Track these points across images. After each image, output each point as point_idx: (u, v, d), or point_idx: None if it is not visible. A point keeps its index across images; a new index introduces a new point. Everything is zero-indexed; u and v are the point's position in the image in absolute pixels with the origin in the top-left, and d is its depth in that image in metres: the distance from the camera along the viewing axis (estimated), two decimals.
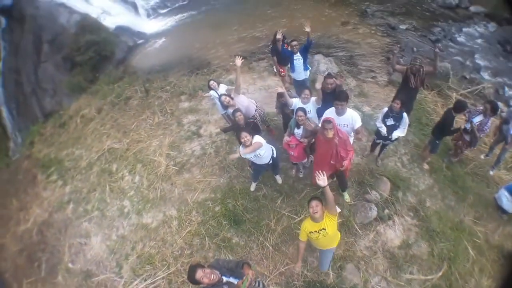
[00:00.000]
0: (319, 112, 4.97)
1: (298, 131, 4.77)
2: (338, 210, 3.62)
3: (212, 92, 6.16)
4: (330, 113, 4.50)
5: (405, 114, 4.84)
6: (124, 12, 13.28)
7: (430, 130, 5.67)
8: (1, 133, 10.27)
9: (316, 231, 3.62)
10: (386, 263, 4.77)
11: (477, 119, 5.22)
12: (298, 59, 6.21)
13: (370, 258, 4.80)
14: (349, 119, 4.47)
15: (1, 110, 10.65)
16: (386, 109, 4.97)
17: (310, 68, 6.63)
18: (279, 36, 6.47)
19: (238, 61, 5.41)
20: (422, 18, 11.09)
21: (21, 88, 10.80)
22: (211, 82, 6.19)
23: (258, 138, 4.56)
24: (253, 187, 5.82)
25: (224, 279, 3.08)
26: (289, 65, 6.62)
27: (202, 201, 5.97)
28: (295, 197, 5.56)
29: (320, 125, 4.31)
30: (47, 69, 10.79)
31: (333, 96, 4.59)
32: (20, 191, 8.12)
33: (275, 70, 7.98)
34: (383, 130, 4.97)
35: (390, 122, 4.88)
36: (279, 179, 5.81)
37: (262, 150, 4.65)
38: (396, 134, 4.98)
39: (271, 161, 5.06)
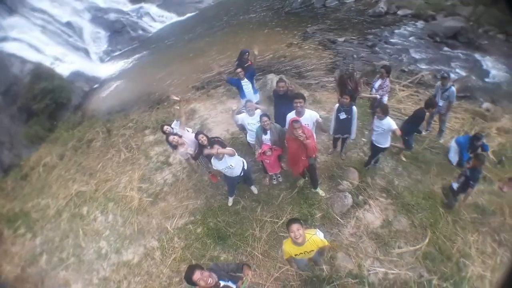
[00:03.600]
0: (279, 121, 5.36)
1: (266, 137, 5.01)
2: (321, 234, 3.45)
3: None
4: (291, 116, 4.82)
5: (354, 107, 5.30)
6: (76, 58, 13.36)
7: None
8: None
9: (301, 253, 3.44)
10: (374, 244, 4.94)
11: (378, 83, 6.33)
12: (246, 84, 6.35)
13: (357, 243, 4.95)
14: (308, 117, 4.85)
15: None
16: (337, 105, 5.43)
17: (258, 92, 6.93)
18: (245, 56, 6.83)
19: (174, 97, 5.95)
20: (357, 29, 12.45)
21: None
22: (165, 127, 5.79)
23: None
24: (230, 201, 5.86)
25: (222, 283, 3.05)
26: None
27: (183, 226, 5.89)
28: (273, 203, 5.67)
29: (288, 126, 4.64)
30: (3, 122, 10.36)
31: (286, 98, 5.08)
32: None
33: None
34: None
35: (343, 115, 5.30)
36: (254, 189, 5.92)
37: (233, 160, 4.81)
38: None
39: (242, 173, 5.21)
